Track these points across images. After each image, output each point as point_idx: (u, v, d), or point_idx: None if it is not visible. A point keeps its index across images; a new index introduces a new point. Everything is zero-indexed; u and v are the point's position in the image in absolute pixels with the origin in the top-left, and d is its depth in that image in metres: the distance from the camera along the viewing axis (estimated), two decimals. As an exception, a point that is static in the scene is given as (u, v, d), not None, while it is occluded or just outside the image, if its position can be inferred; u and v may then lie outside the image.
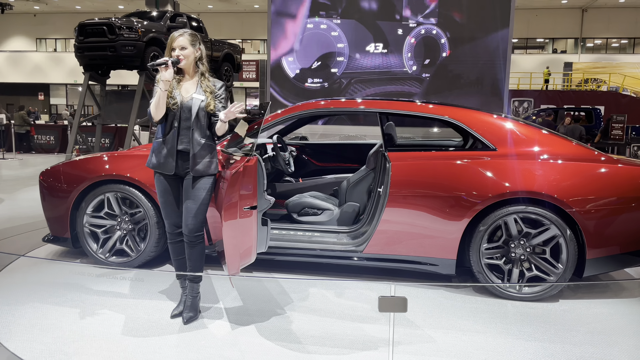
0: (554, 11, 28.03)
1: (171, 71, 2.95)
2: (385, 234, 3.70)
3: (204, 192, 3.06)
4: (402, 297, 2.09)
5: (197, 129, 3.03)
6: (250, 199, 2.95)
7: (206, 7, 29.17)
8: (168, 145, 3.03)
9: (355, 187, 4.15)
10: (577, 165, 3.57)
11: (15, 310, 3.29)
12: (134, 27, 10.17)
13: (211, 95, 3.05)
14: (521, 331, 3.10)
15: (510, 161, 3.59)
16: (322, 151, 5.56)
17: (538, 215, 3.48)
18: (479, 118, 3.87)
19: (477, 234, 3.55)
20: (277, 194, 4.86)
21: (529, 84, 21.50)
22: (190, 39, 3.04)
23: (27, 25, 32.39)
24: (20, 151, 15.36)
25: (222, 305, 3.43)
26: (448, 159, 3.69)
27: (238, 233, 2.94)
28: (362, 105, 4.20)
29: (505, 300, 3.56)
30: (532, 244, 3.54)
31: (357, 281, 3.91)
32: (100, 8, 29.47)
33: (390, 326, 2.20)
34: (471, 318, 3.28)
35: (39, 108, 25.39)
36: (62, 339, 2.90)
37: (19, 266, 4.15)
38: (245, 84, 28.26)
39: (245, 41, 30.79)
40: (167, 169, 3.06)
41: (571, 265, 3.48)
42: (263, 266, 4.13)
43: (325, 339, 2.95)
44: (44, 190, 4.27)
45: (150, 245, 3.97)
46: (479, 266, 3.58)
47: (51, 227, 4.26)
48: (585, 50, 28.73)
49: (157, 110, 2.96)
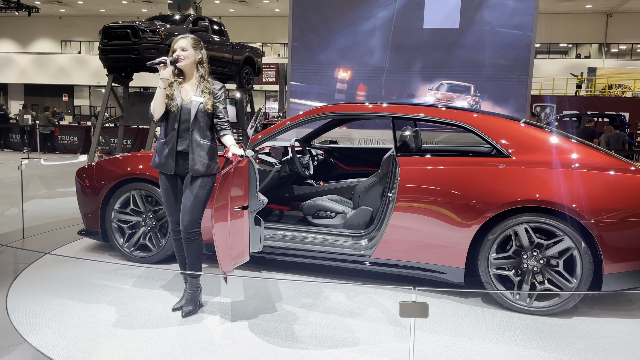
0: (578, 16, 27.64)
1: (169, 70, 3.08)
2: (392, 240, 3.66)
3: (201, 190, 3.17)
4: (424, 302, 2.08)
5: (197, 130, 3.13)
6: (241, 200, 3.01)
7: (227, 11, 29.45)
8: (168, 146, 3.16)
9: (369, 192, 4.13)
10: (595, 174, 3.36)
11: (39, 306, 3.35)
12: (157, 30, 10.30)
13: (210, 96, 3.16)
14: (520, 344, 3.04)
15: (524, 168, 3.43)
16: (349, 155, 5.58)
17: (550, 226, 3.31)
18: (494, 123, 3.75)
19: (485, 242, 3.45)
20: (297, 197, 4.89)
21: (552, 89, 21.22)
22: (192, 42, 3.17)
23: (52, 28, 33.07)
24: (44, 151, 15.67)
25: (220, 300, 3.48)
26: (459, 165, 3.59)
27: (229, 233, 3.01)
28: (373, 109, 4.17)
29: (513, 312, 3.40)
30: (545, 256, 3.38)
31: (363, 285, 3.90)
32: (124, 11, 29.96)
33: (412, 332, 2.19)
34: (468, 328, 3.21)
35: (62, 109, 25.85)
36: (84, 335, 2.94)
37: (44, 263, 4.24)
38: (264, 87, 28.44)
39: (266, 45, 30.98)
40: (167, 168, 3.19)
41: (586, 280, 3.27)
42: (273, 266, 4.15)
43: (323, 340, 2.96)
44: (79, 186, 4.54)
45: (170, 241, 4.04)
46: (487, 276, 3.46)
47: (85, 222, 4.52)
48: (609, 56, 28.26)
49: (157, 109, 3.11)
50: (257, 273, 4.13)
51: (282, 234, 3.99)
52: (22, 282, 3.79)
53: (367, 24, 8.59)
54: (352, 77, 8.68)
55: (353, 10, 8.63)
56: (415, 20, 8.45)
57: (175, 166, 3.18)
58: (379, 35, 8.52)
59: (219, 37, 12.65)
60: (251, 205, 3.09)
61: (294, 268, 4.14)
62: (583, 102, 18.07)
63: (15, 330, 3.00)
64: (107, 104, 11.66)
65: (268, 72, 25.33)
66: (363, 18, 8.66)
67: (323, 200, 4.45)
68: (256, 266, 4.21)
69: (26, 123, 15.90)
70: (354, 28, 8.63)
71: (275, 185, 4.75)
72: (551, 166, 3.44)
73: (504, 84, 8.67)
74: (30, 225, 5.49)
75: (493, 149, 3.66)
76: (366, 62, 8.58)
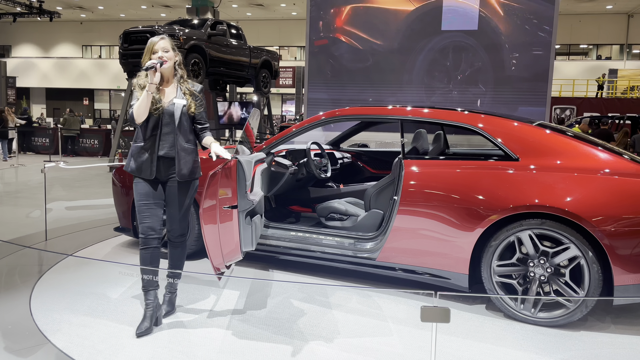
0: (599, 17, 27.23)
1: (159, 74, 2.95)
2: (396, 243, 3.63)
3: (188, 199, 3.16)
4: (445, 307, 2.07)
5: (181, 133, 3.04)
6: (230, 199, 3.05)
7: (245, 15, 29.65)
8: (149, 151, 3.02)
9: (380, 195, 4.10)
10: (606, 180, 3.15)
11: (63, 307, 3.40)
12: (176, 35, 10.42)
13: (192, 97, 3.07)
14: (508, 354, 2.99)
15: (531, 173, 3.28)
16: (377, 158, 5.61)
17: (556, 233, 3.13)
18: (503, 125, 3.61)
19: (487, 249, 3.32)
20: (315, 199, 4.92)
21: (572, 91, 20.93)
22: (170, 43, 3.06)
23: (73, 33, 33.67)
24: (66, 154, 15.92)
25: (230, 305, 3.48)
26: (463, 169, 3.48)
27: (219, 232, 3.07)
28: (380, 112, 4.11)
29: (516, 322, 3.26)
30: (553, 264, 3.19)
31: (374, 290, 3.88)
32: (144, 16, 30.36)
33: (433, 336, 2.18)
34: (460, 335, 3.14)
35: (83, 113, 26.26)
36: (107, 337, 2.98)
37: (66, 265, 4.30)
38: (281, 90, 28.57)
39: (283, 48, 31.13)
40: (147, 174, 3.03)
41: (593, 291, 3.08)
42: (284, 266, 4.16)
43: (335, 343, 2.95)
44: (114, 186, 4.79)
45: (190, 240, 4.11)
46: (490, 284, 3.34)
47: (120, 219, 4.80)
48: (631, 57, 27.78)
49: (141, 113, 2.92)
50: (267, 272, 4.20)
51: (293, 234, 4.06)
52: (45, 284, 3.85)
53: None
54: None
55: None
56: (434, 23, 8.41)
57: (156, 171, 3.05)
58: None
59: (237, 41, 12.74)
60: (240, 205, 3.12)
61: (309, 270, 4.15)
62: (604, 104, 17.80)
63: (39, 331, 3.04)
64: (127, 108, 11.81)
65: (285, 76, 25.44)
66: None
67: (336, 202, 4.50)
68: (264, 265, 4.29)
69: (48, 127, 16.18)
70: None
71: (294, 187, 4.79)
72: (560, 170, 3.25)
73: (523, 86, 8.57)
74: (53, 227, 5.58)
75: (501, 152, 3.53)
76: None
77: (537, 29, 8.34)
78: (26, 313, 3.31)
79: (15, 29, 32.02)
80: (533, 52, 8.32)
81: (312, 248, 3.96)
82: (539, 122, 3.79)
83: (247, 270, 4.22)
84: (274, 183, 4.37)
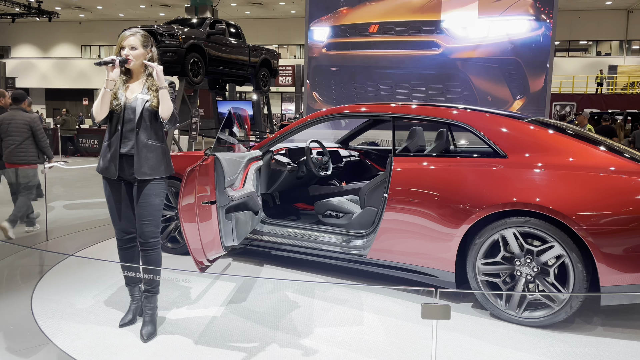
0: (598, 13, 27.20)
1: (117, 71, 2.83)
2: (384, 240, 3.64)
3: (154, 197, 2.92)
4: (446, 304, 2.07)
5: (143, 129, 2.86)
6: (208, 196, 3.10)
7: (244, 14, 29.63)
8: (112, 149, 2.88)
9: (374, 192, 4.10)
10: (592, 177, 3.04)
11: (64, 307, 3.40)
12: (175, 34, 10.41)
13: (156, 93, 2.87)
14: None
15: (517, 170, 3.21)
16: (385, 156, 5.59)
17: (540, 231, 3.06)
18: (493, 121, 3.54)
19: (472, 247, 3.28)
20: (316, 197, 4.94)
21: (572, 88, 20.92)
22: (142, 39, 2.91)
23: (72, 33, 33.65)
24: (67, 154, 15.91)
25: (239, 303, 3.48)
26: (450, 166, 3.46)
27: (198, 227, 3.11)
28: (372, 110, 4.17)
29: (503, 322, 3.22)
30: (540, 263, 3.12)
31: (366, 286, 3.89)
32: (143, 16, 30.35)
33: (434, 333, 2.18)
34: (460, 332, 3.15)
35: (83, 113, 26.24)
36: (109, 336, 2.98)
37: (68, 265, 4.30)
38: (281, 88, 28.57)
39: (282, 46, 31.11)
40: (110, 173, 2.91)
41: (578, 291, 3.00)
42: (283, 262, 4.16)
43: (336, 342, 2.95)
44: None
45: None
46: (475, 282, 3.30)
47: None
48: (631, 53, 27.75)
49: (99, 110, 2.82)
50: (260, 267, 4.27)
51: (289, 231, 4.12)
52: (46, 284, 3.85)
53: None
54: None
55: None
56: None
57: (120, 170, 2.89)
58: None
59: (236, 40, 12.73)
60: (219, 200, 3.16)
61: (308, 267, 4.16)
62: (604, 100, 17.79)
63: (40, 331, 3.04)
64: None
65: (284, 74, 25.46)
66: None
67: (334, 200, 4.55)
68: (259, 260, 4.35)
69: (47, 127, 16.18)
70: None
71: (296, 185, 4.84)
72: (546, 167, 3.17)
73: (523, 82, 8.57)
74: (53, 227, 5.58)
75: (490, 148, 3.44)
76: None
77: (536, 25, 8.32)
78: (27, 313, 3.31)
79: (14, 29, 32.02)
80: (532, 48, 8.29)
81: (306, 244, 4.02)
82: (532, 118, 3.68)
83: (244, 266, 4.26)
84: (273, 180, 4.44)
